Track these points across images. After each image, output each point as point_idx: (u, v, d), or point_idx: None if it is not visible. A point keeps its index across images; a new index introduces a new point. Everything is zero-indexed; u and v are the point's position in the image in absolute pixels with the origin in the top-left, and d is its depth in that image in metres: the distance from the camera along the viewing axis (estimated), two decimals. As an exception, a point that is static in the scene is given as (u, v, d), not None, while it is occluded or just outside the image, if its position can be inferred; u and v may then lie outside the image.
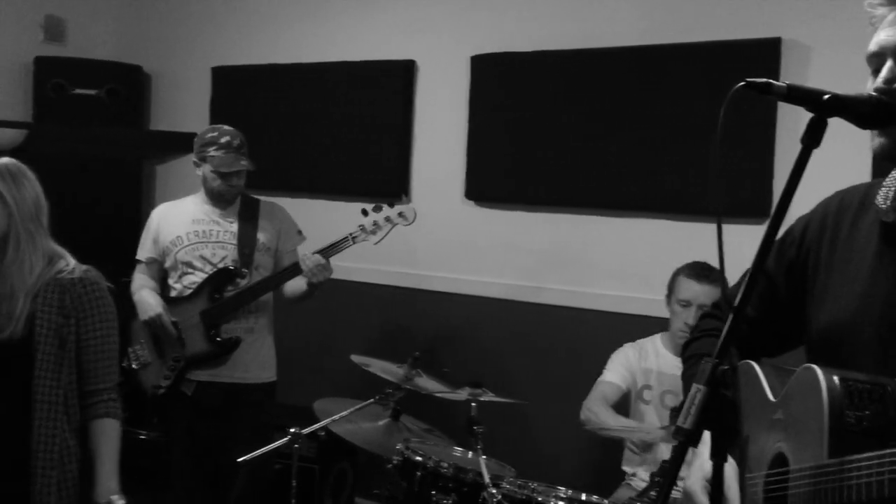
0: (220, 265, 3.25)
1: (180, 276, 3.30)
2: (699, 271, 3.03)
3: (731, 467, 1.46)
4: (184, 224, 3.30)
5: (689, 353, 1.71)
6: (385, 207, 3.18)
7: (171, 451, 3.38)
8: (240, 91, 4.70)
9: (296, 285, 3.27)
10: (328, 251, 3.17)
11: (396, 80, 4.21)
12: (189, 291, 3.26)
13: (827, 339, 1.45)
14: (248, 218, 3.32)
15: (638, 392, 3.20)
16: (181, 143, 4.99)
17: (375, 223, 3.16)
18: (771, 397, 1.47)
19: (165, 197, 5.03)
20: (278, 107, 4.54)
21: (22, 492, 2.16)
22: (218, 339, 3.22)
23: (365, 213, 3.19)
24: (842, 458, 1.20)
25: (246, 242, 3.26)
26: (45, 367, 2.18)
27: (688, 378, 1.65)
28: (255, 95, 4.62)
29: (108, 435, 2.26)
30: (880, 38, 1.40)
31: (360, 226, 3.17)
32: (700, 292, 3.00)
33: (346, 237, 3.18)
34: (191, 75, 4.94)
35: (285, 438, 2.76)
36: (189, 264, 3.27)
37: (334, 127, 4.39)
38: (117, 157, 5.01)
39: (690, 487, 1.48)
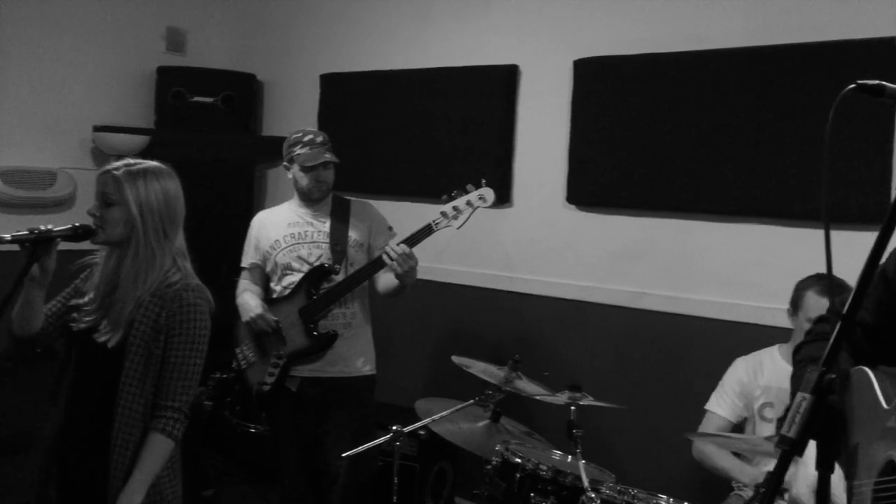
0: (316, 264, 3.34)
1: (280, 278, 3.41)
2: (827, 286, 2.87)
3: (837, 477, 1.42)
4: (280, 228, 3.43)
5: (800, 356, 1.68)
6: (465, 192, 3.18)
7: (279, 445, 3.49)
8: (347, 97, 4.82)
9: (387, 280, 3.32)
10: (411, 240, 3.19)
11: (499, 84, 4.24)
12: (288, 291, 3.37)
13: None
14: (340, 217, 3.41)
15: (758, 410, 3.09)
16: (291, 148, 5.16)
17: (455, 208, 3.18)
18: (885, 405, 1.43)
19: (275, 200, 5.22)
20: (383, 112, 4.63)
21: (100, 493, 2.21)
22: (315, 333, 3.31)
23: (445, 199, 3.21)
24: None
25: (338, 240, 3.35)
26: (131, 375, 2.21)
27: (796, 382, 1.62)
28: (361, 101, 4.74)
29: (154, 451, 2.21)
30: None
31: (441, 212, 3.18)
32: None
33: (429, 224, 3.20)
34: (301, 83, 5.10)
35: (387, 436, 2.82)
36: (288, 266, 3.38)
37: (438, 132, 4.45)
38: (231, 161, 5.22)
39: (797, 498, 1.46)
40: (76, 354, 2.32)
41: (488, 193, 3.19)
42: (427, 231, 3.21)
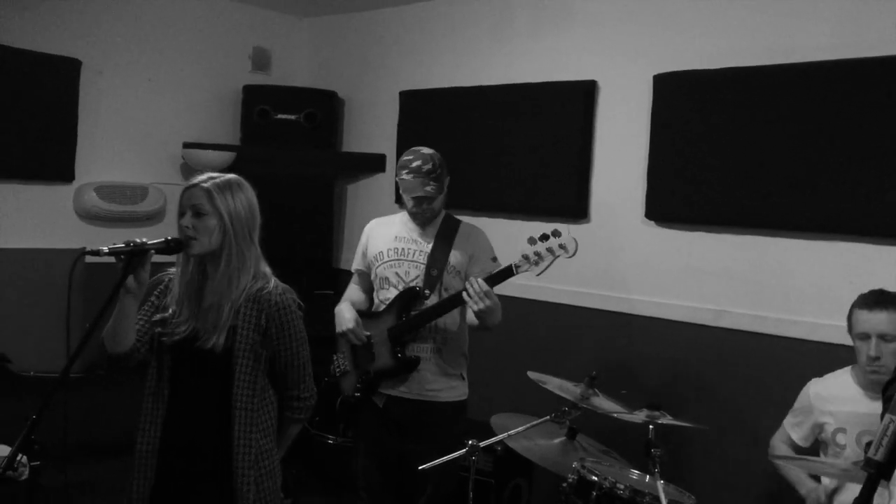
0: (411, 284, 3.36)
1: (379, 291, 3.43)
2: (871, 300, 2.86)
3: None
4: (387, 241, 3.43)
5: (889, 392, 1.63)
6: (550, 238, 3.08)
7: (359, 458, 3.53)
8: (425, 114, 4.88)
9: (472, 315, 3.26)
10: (491, 279, 3.15)
11: (577, 100, 4.23)
12: (383, 307, 3.41)
13: None
14: (445, 239, 3.37)
15: (830, 436, 3.01)
16: (371, 164, 5.26)
17: (537, 254, 3.07)
18: None
19: (355, 214, 5.34)
20: (462, 128, 4.67)
21: (226, 489, 2.34)
22: (399, 355, 3.33)
23: (532, 241, 3.12)
24: None
25: (435, 263, 3.32)
26: (243, 377, 2.36)
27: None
28: (439, 118, 4.79)
29: (289, 436, 2.59)
30: None
31: (523, 255, 3.08)
32: (876, 321, 2.82)
33: (510, 266, 3.12)
34: (380, 99, 5.19)
35: (463, 450, 2.83)
36: (387, 280, 3.39)
37: (516, 147, 4.46)
38: (313, 177, 5.34)
39: None
40: (172, 366, 2.43)
41: (570, 244, 3.10)
42: (507, 273, 3.13)
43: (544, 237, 3.07)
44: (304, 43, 5.66)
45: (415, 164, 3.30)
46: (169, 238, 2.37)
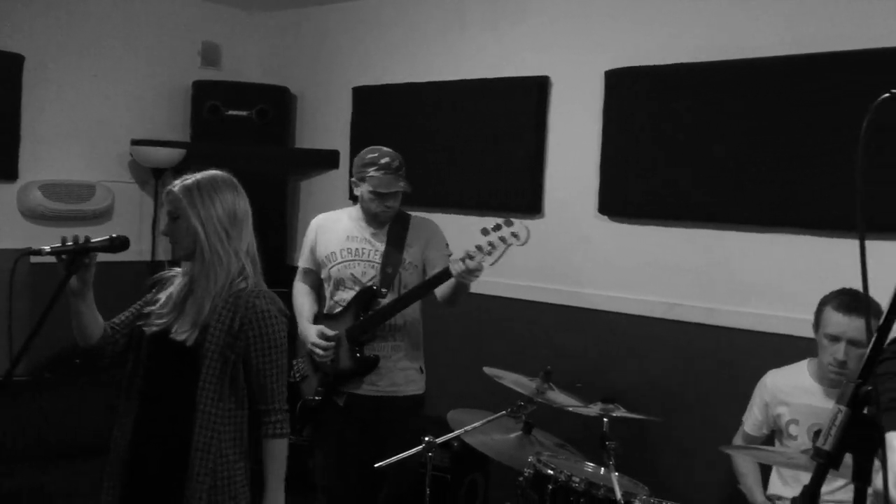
0: (367, 284, 3.33)
1: (333, 292, 3.41)
2: (849, 304, 2.81)
3: None
4: (339, 240, 3.39)
5: (881, 370, 1.66)
6: (502, 227, 3.08)
7: (319, 458, 3.49)
8: (379, 110, 4.85)
9: (443, 288, 3.27)
10: (436, 279, 3.17)
11: (531, 96, 4.24)
12: (339, 308, 3.38)
13: None
14: (397, 235, 3.36)
15: (784, 426, 3.07)
16: (324, 160, 5.22)
17: (490, 243, 3.08)
18: None
19: (308, 211, 5.28)
20: (415, 124, 4.66)
21: (178, 489, 2.28)
22: (358, 356, 3.31)
23: (485, 232, 3.12)
24: None
25: (390, 262, 3.31)
26: (208, 378, 2.28)
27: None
28: (393, 113, 4.77)
29: (273, 455, 2.37)
30: None
31: (476, 246, 3.09)
32: (849, 327, 2.79)
33: (463, 258, 3.09)
34: (333, 95, 5.15)
35: (419, 447, 2.82)
36: (341, 281, 3.37)
37: (470, 143, 4.46)
38: (266, 173, 5.28)
39: (885, 487, 1.41)
40: (147, 357, 2.40)
41: (522, 231, 3.12)
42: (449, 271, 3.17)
43: (497, 227, 3.09)
44: (255, 38, 5.59)
45: (384, 160, 3.29)
46: (113, 236, 2.33)
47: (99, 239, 2.30)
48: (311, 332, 3.36)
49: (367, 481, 3.32)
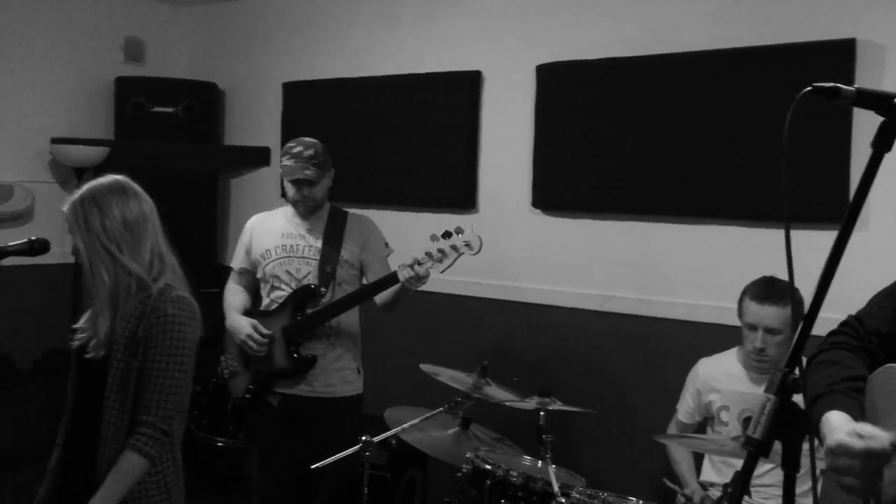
0: (305, 281, 3.29)
1: (270, 290, 3.36)
2: (763, 293, 2.93)
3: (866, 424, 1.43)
4: (273, 238, 3.35)
5: (817, 360, 1.69)
6: (453, 235, 3.10)
7: (252, 459, 3.43)
8: (310, 105, 4.79)
9: (384, 295, 3.27)
10: (383, 283, 3.18)
11: (463, 91, 4.24)
12: (275, 306, 3.33)
13: None
14: (334, 233, 3.33)
15: (716, 413, 3.14)
16: (254, 157, 5.13)
17: (441, 251, 3.09)
18: None
19: (241, 209, 5.19)
20: (347, 120, 4.61)
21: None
22: (295, 355, 3.27)
23: (434, 238, 3.13)
24: None
25: (328, 259, 3.28)
26: (113, 391, 2.20)
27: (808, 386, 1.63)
28: (324, 109, 4.71)
29: (122, 468, 2.16)
30: None
31: (426, 252, 3.10)
32: (764, 315, 2.91)
33: (412, 264, 3.11)
34: (263, 91, 5.06)
35: (356, 447, 2.80)
36: (277, 278, 3.32)
37: (402, 139, 4.44)
38: (195, 171, 5.17)
39: (839, 440, 1.42)
40: (75, 373, 2.33)
41: (475, 241, 3.12)
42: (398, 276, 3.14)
43: (447, 234, 3.08)
44: (180, 32, 5.46)
45: (296, 149, 3.27)
46: (33, 239, 2.25)
47: (17, 242, 2.22)
48: (243, 323, 3.29)
49: (303, 483, 3.27)
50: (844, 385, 1.57)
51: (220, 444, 4.39)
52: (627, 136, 3.74)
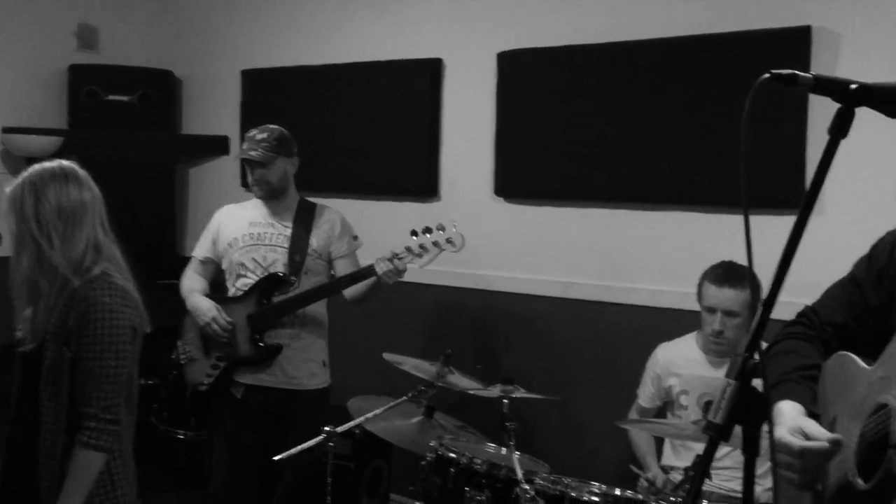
0: (271, 269, 3.26)
1: (235, 279, 3.33)
2: (721, 276, 3.00)
3: (812, 420, 1.48)
4: (241, 227, 3.34)
5: (774, 349, 1.72)
6: (434, 231, 3.09)
7: (214, 451, 3.40)
8: (270, 93, 4.74)
9: (355, 289, 3.26)
10: (358, 274, 3.18)
11: (424, 78, 4.21)
12: (241, 294, 3.29)
13: None
14: (304, 223, 3.32)
15: (675, 397, 3.18)
16: (213, 146, 5.06)
17: (422, 246, 3.09)
18: (867, 367, 1.50)
19: (200, 199, 5.12)
20: (308, 108, 4.57)
21: (31, 500, 2.17)
22: (260, 344, 3.23)
23: (414, 233, 3.11)
24: None
25: (297, 248, 3.26)
26: (48, 382, 2.15)
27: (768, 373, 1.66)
28: (285, 97, 4.66)
29: (78, 465, 2.11)
30: None
31: (406, 247, 3.09)
32: (722, 298, 2.97)
33: (391, 258, 3.11)
34: (221, 79, 4.99)
35: (319, 437, 2.78)
36: (243, 265, 3.29)
37: (363, 127, 4.41)
38: (151, 161, 5.09)
39: (780, 436, 1.49)
40: (19, 374, 2.29)
41: (458, 239, 3.11)
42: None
43: (427, 230, 3.07)
44: (135, 19, 5.35)
45: (251, 133, 3.29)
46: None
47: None
48: (207, 305, 3.26)
49: (266, 476, 3.25)
50: (798, 374, 1.61)
51: (181, 436, 4.35)
52: (588, 124, 3.75)
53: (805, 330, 1.70)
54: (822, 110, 3.18)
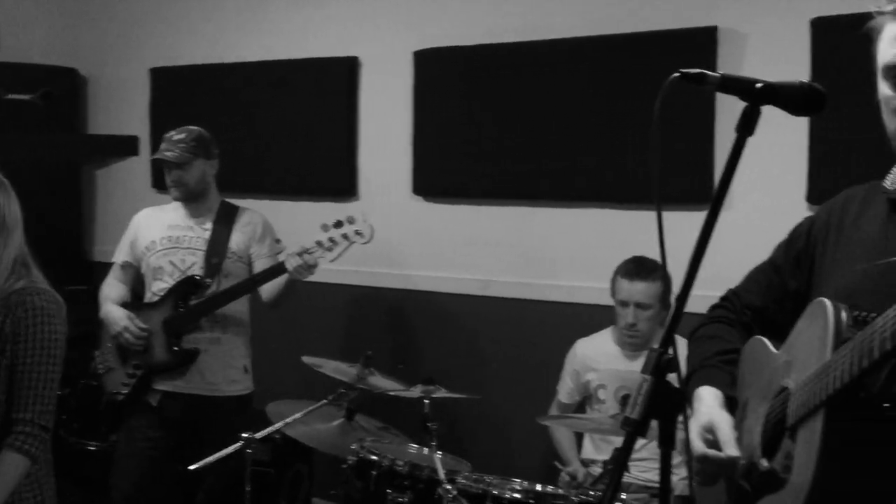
0: (189, 272, 3.19)
1: (152, 283, 3.26)
2: (632, 270, 3.10)
3: (725, 418, 1.50)
4: (160, 229, 3.28)
5: (697, 334, 1.75)
6: (344, 224, 3.08)
7: (120, 459, 3.31)
8: (181, 92, 4.62)
9: (270, 287, 3.21)
10: (270, 272, 3.13)
11: (340, 77, 4.17)
12: (157, 299, 3.21)
13: None
14: (224, 225, 3.27)
15: (594, 391, 3.23)
16: (121, 147, 4.90)
17: (332, 240, 3.07)
18: (775, 351, 1.53)
19: (109, 201, 4.96)
20: (222, 107, 4.46)
21: None
22: (175, 349, 3.16)
23: (325, 228, 3.10)
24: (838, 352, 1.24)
25: (215, 251, 3.21)
26: None
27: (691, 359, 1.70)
28: (196, 96, 4.54)
29: (4, 471, 2.08)
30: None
31: (316, 241, 3.07)
32: (634, 291, 3.07)
33: (302, 252, 3.07)
34: (129, 77, 4.84)
35: (237, 444, 2.73)
36: (160, 269, 3.23)
37: (279, 126, 4.34)
38: (56, 161, 4.91)
39: (690, 439, 1.52)
40: None
41: (367, 230, 3.10)
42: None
43: (338, 223, 3.06)
44: (37, 15, 5.13)
45: (171, 132, 3.24)
46: None
47: None
48: (119, 314, 3.19)
49: (183, 485, 3.17)
50: (718, 359, 1.64)
51: (92, 447, 4.20)
52: (505, 122, 3.78)
53: (727, 314, 1.73)
54: (728, 109, 3.27)
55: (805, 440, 1.29)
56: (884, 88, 1.38)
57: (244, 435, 2.73)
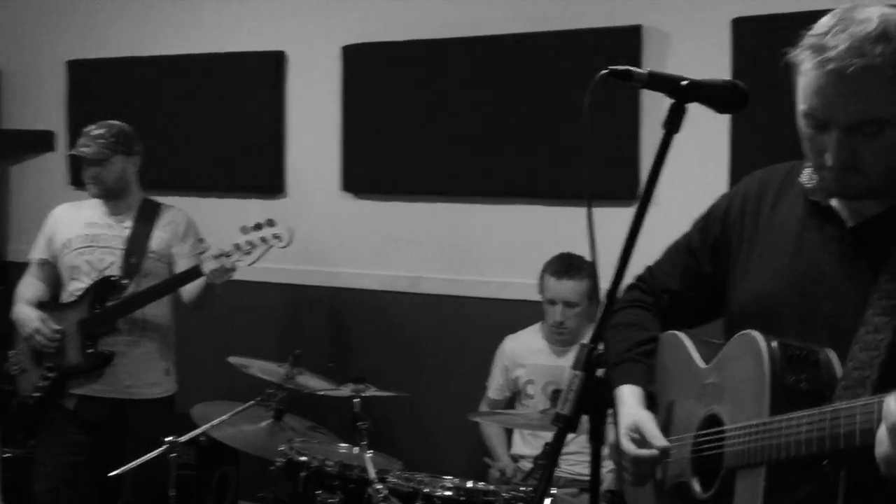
0: (107, 272, 3.10)
1: (69, 282, 3.17)
2: (560, 269, 3.13)
3: (647, 415, 1.53)
4: (77, 227, 3.18)
5: (615, 321, 1.75)
6: (263, 227, 3.02)
7: (45, 468, 3.21)
8: (99, 86, 4.47)
9: (190, 291, 3.14)
10: (187, 276, 3.07)
11: (266, 72, 4.11)
12: (73, 299, 3.12)
13: (749, 312, 1.49)
14: (144, 223, 3.18)
15: (522, 387, 3.26)
16: (36, 142, 4.73)
17: (250, 243, 3.01)
18: (701, 364, 1.53)
19: (24, 198, 4.78)
20: (143, 101, 4.33)
21: None
22: (90, 351, 3.06)
23: (244, 230, 3.04)
24: (784, 415, 1.26)
25: (134, 250, 3.13)
26: None
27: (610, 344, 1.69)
28: (116, 90, 4.40)
29: None
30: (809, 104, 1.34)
31: (234, 244, 3.00)
32: (562, 290, 3.10)
33: (220, 256, 3.00)
34: (43, 70, 4.66)
35: (160, 449, 2.66)
36: (77, 269, 3.13)
37: (203, 122, 4.24)
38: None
39: (620, 443, 1.54)
40: None
41: (285, 234, 3.05)
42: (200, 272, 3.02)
43: (257, 226, 3.01)
44: (-57, 3, 4.92)
45: (89, 127, 3.17)
46: None
47: None
48: (31, 315, 3.09)
49: (104, 492, 3.08)
50: (636, 352, 1.64)
51: (7, 454, 4.05)
52: (434, 118, 3.77)
53: (643, 296, 1.72)
54: (653, 105, 3.33)
55: (746, 486, 1.33)
56: (801, 124, 1.39)
57: (168, 439, 2.67)
